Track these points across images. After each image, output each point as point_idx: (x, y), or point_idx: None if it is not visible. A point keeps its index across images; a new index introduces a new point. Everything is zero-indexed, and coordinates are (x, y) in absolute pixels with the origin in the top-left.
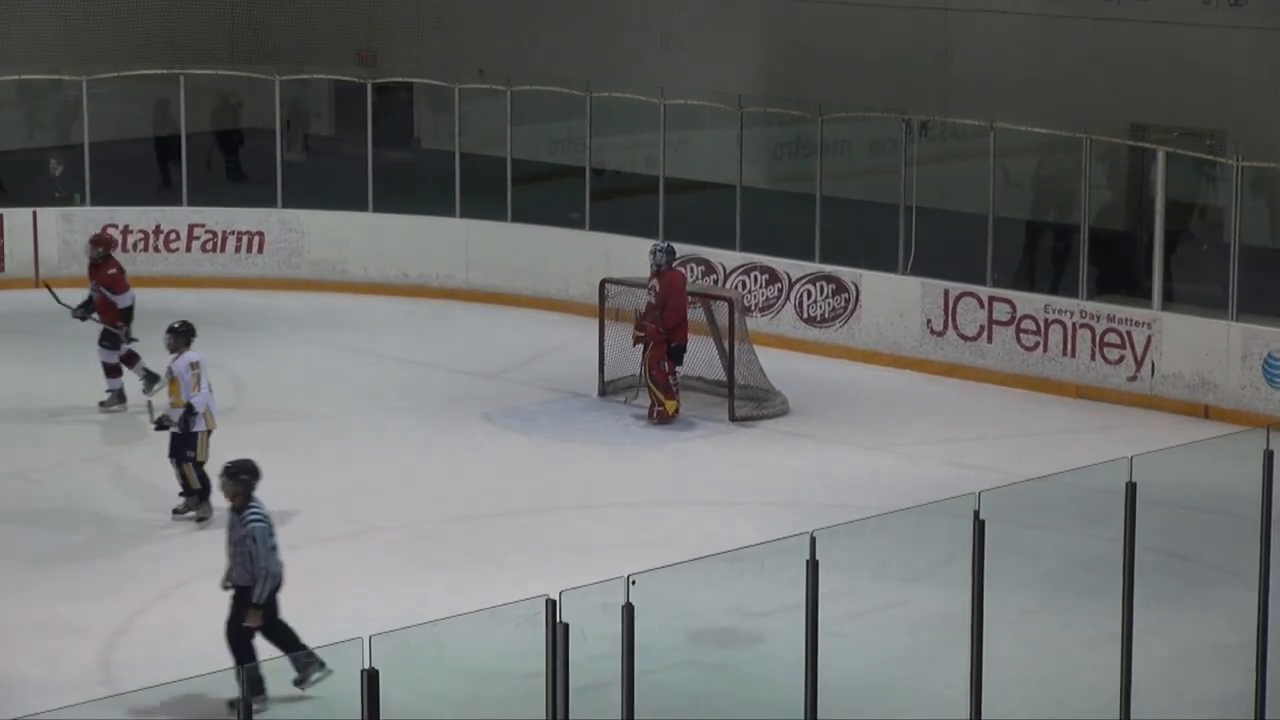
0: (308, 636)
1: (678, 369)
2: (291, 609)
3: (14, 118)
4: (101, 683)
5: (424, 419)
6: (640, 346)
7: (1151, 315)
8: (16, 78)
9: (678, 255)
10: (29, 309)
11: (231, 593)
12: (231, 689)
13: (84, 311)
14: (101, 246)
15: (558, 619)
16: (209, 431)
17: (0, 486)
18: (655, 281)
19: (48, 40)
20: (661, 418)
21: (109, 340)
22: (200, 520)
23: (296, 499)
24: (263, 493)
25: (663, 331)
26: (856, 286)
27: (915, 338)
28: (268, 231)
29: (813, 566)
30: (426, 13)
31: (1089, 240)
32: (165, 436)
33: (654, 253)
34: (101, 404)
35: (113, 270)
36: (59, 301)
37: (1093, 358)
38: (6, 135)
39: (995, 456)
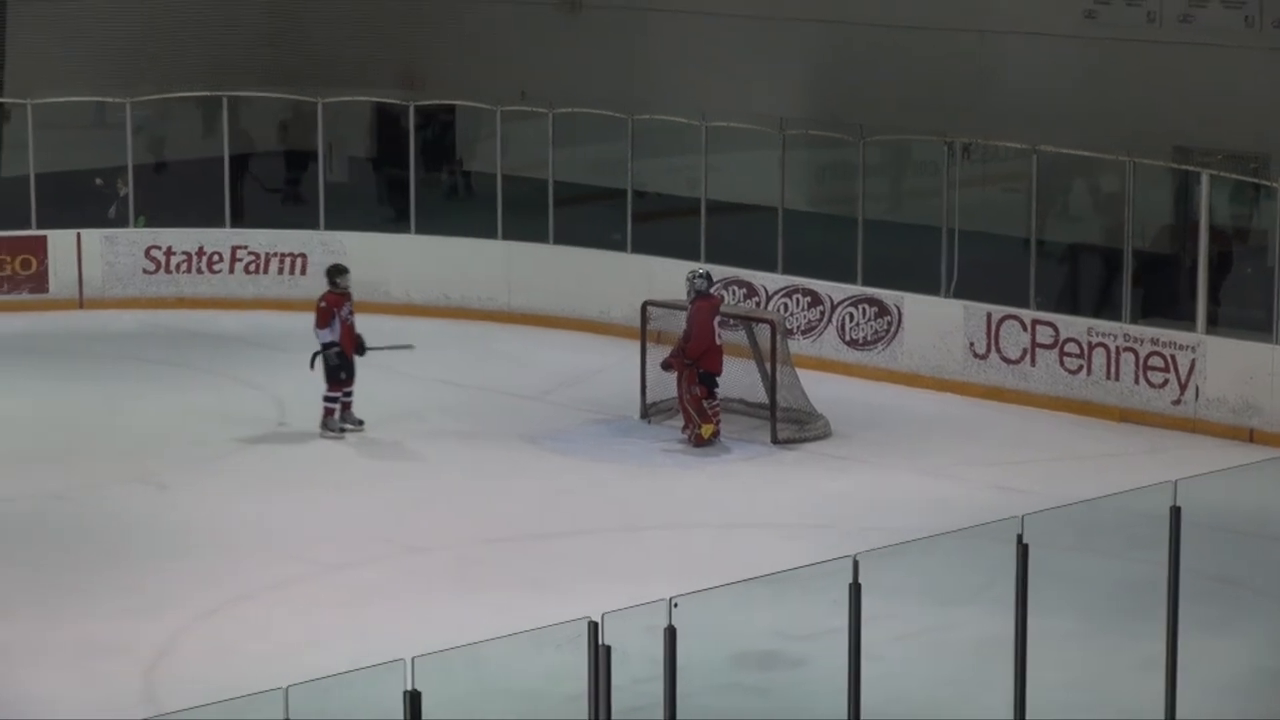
0: (349, 657)
1: (715, 392)
2: (334, 630)
3: (59, 139)
4: (144, 703)
5: (466, 440)
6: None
7: (1195, 339)
8: (62, 99)
9: (719, 278)
10: (72, 330)
11: None
12: (277, 709)
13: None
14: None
15: (600, 641)
16: None
17: (43, 507)
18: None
19: (93, 63)
20: (698, 441)
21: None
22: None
23: (339, 520)
24: (306, 514)
25: (687, 362)
26: (899, 309)
27: (958, 361)
28: (310, 253)
29: (855, 590)
30: (468, 36)
31: (1132, 263)
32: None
33: (689, 279)
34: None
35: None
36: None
37: (1136, 381)
38: (52, 157)
39: (1038, 480)
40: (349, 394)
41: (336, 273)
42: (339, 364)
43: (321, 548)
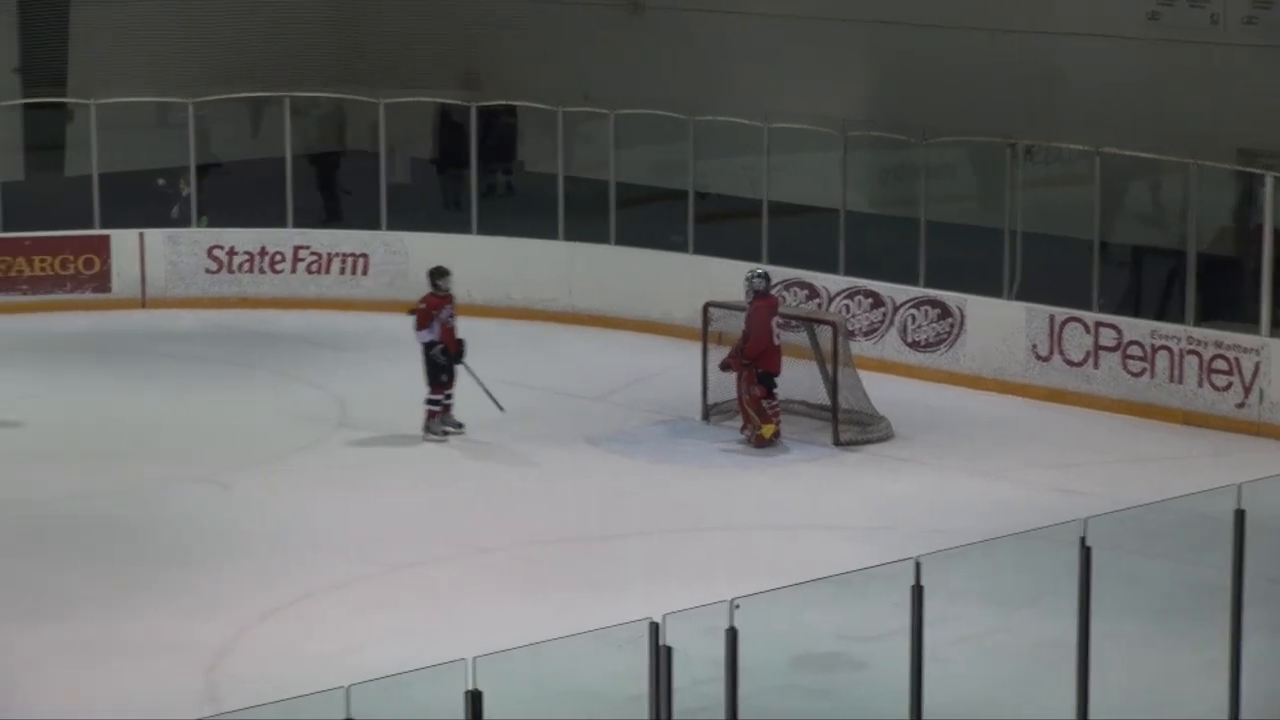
0: (411, 658)
1: (774, 392)
2: (395, 629)
3: (122, 140)
4: (206, 702)
5: (527, 441)
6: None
7: (1259, 342)
8: (125, 100)
9: (781, 279)
10: (134, 329)
11: None
12: (338, 709)
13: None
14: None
15: (661, 642)
16: None
17: (106, 506)
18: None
19: (156, 63)
20: (758, 441)
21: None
22: None
23: (401, 520)
24: (368, 513)
25: (746, 362)
26: (961, 311)
27: (1020, 363)
28: (372, 254)
29: (917, 591)
30: (531, 37)
31: (1196, 266)
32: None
33: (747, 279)
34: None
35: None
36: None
37: (1200, 384)
38: (115, 157)
39: (1101, 482)
40: (449, 397)
41: (438, 275)
42: (445, 361)
43: (383, 547)
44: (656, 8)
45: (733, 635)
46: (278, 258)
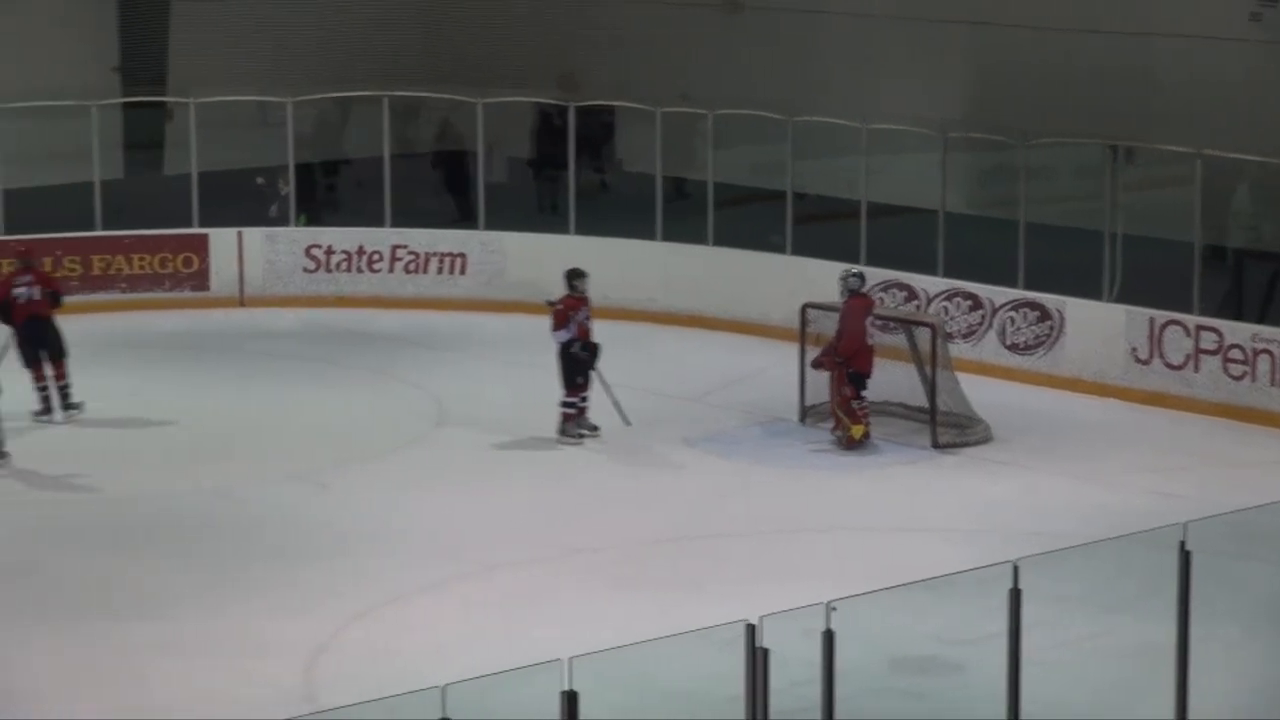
0: (507, 657)
1: (863, 394)
2: (492, 630)
3: (221, 138)
4: (304, 700)
5: (624, 442)
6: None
7: None
8: (225, 99)
9: (879, 281)
10: (233, 328)
11: None
12: (434, 708)
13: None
14: None
15: (757, 644)
16: None
17: (205, 504)
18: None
19: (255, 62)
20: (848, 443)
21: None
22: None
23: (497, 520)
24: (466, 513)
25: (838, 360)
26: (1060, 313)
27: (1120, 366)
28: (470, 253)
29: (1015, 595)
30: (629, 37)
31: None
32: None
33: (842, 279)
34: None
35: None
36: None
37: None
38: (214, 156)
39: (1200, 487)
40: (585, 399)
41: (575, 276)
42: (586, 356)
43: (481, 547)
44: (755, 7)
45: (830, 637)
46: (375, 257)
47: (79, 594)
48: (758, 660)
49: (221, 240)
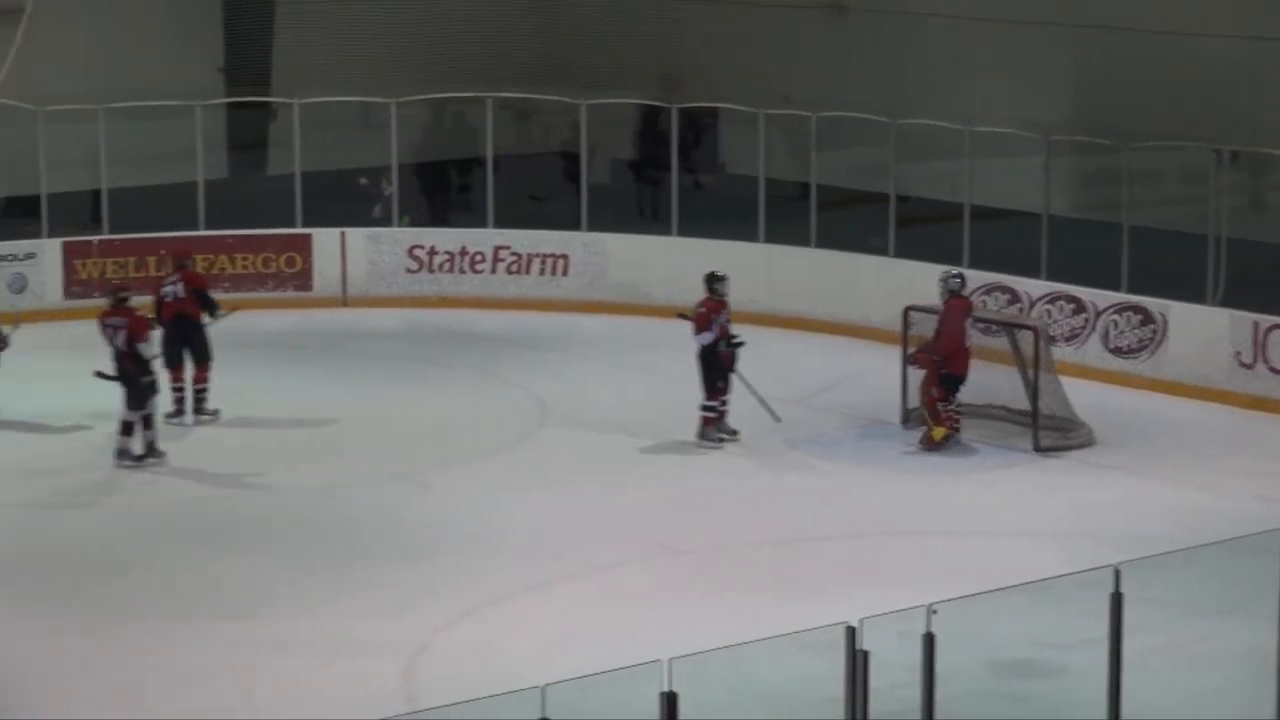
0: (608, 658)
1: (951, 397)
2: (592, 630)
3: (325, 139)
4: (403, 700)
5: (727, 443)
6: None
7: None
8: (328, 99)
9: (982, 284)
10: (335, 328)
11: None
12: (534, 708)
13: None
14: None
15: (857, 646)
16: None
17: (307, 503)
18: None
19: (359, 62)
20: (928, 444)
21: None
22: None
23: (599, 521)
24: (567, 514)
25: (936, 359)
26: (1164, 317)
27: (1223, 370)
28: (572, 254)
29: (1116, 599)
30: (732, 39)
31: None
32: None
33: (942, 280)
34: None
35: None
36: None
37: None
38: (317, 156)
39: None
40: (725, 403)
41: (715, 279)
42: (732, 353)
43: (582, 548)
44: (860, 10)
45: (930, 640)
46: (478, 258)
47: (182, 593)
48: (857, 662)
49: (325, 240)
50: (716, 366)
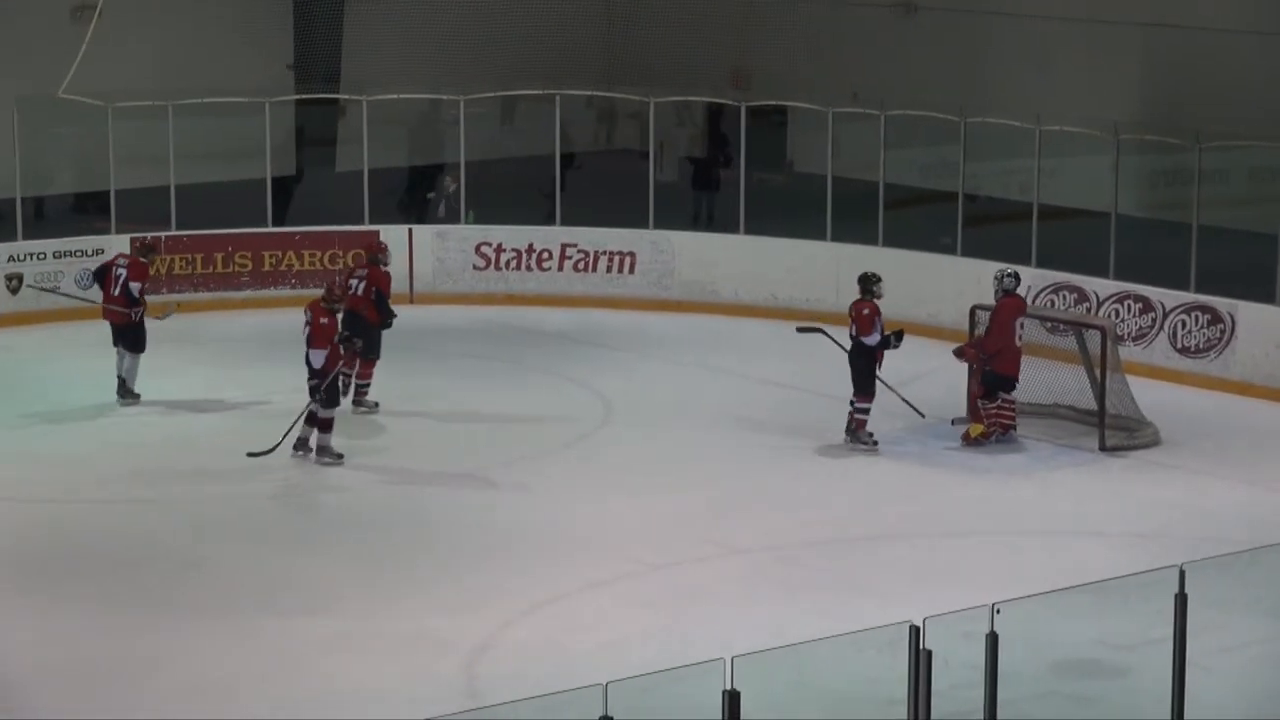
0: (670, 656)
1: (996, 395)
2: (655, 628)
3: (393, 135)
4: (466, 696)
5: (791, 441)
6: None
7: None
8: (397, 96)
9: (1050, 283)
10: (402, 324)
11: None
12: (596, 706)
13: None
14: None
15: (921, 646)
16: None
17: (374, 499)
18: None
19: (427, 60)
20: (965, 439)
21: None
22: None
23: (663, 519)
24: (631, 512)
25: (983, 357)
26: (1232, 317)
27: None
28: (639, 252)
29: (1181, 600)
30: (801, 37)
31: None
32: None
33: (997, 278)
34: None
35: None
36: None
37: None
38: (385, 153)
39: None
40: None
41: (874, 280)
42: (897, 345)
43: (645, 546)
44: (929, 8)
45: (993, 640)
46: (545, 255)
47: (247, 589)
48: (920, 662)
49: (392, 237)
50: (872, 368)
